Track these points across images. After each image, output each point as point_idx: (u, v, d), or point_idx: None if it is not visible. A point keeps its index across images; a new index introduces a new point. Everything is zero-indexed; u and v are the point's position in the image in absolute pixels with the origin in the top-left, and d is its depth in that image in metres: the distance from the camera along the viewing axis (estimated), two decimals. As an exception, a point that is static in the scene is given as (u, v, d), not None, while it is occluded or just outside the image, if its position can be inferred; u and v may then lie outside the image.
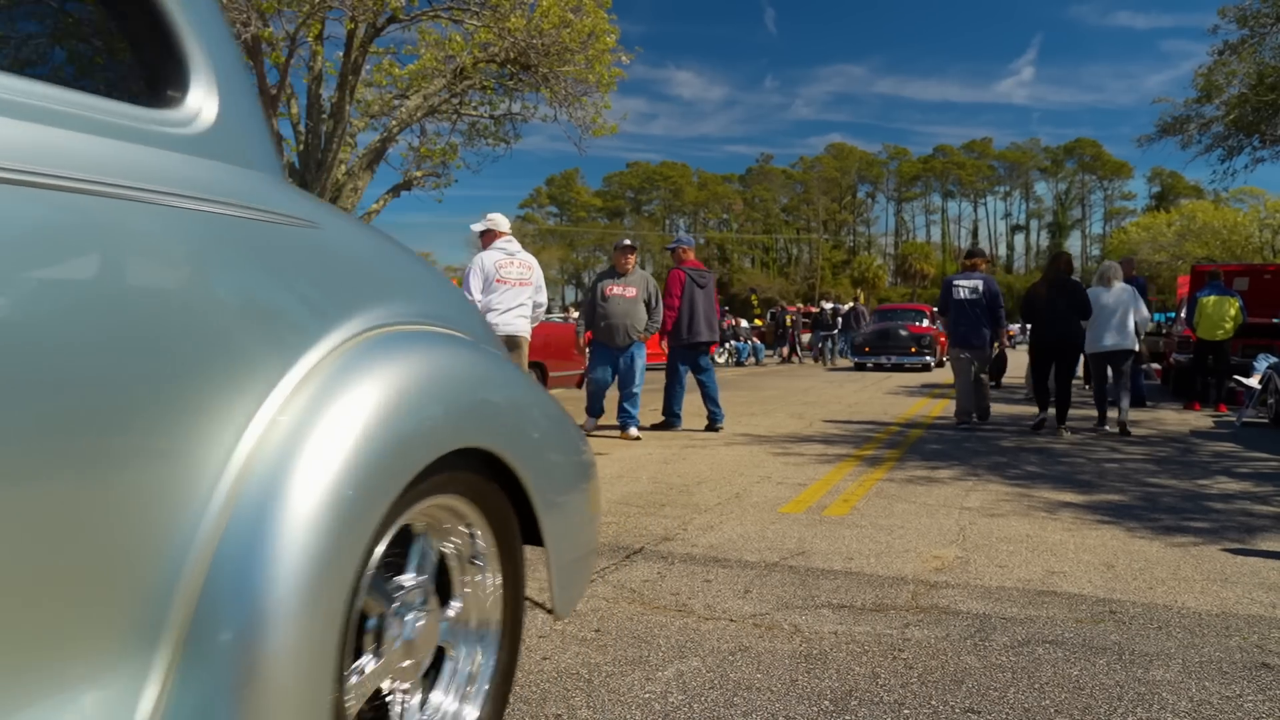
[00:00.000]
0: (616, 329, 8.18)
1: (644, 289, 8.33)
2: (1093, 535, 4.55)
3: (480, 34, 12.05)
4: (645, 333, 8.31)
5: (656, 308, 8.38)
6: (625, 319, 8.18)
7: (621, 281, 8.30)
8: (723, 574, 3.76)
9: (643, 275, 8.37)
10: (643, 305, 8.31)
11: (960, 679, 2.66)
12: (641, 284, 8.33)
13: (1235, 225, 47.81)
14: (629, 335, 8.20)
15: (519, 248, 7.26)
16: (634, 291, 8.25)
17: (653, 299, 8.36)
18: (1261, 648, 2.95)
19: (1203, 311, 11.45)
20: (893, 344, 21.47)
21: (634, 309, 8.22)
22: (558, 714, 2.39)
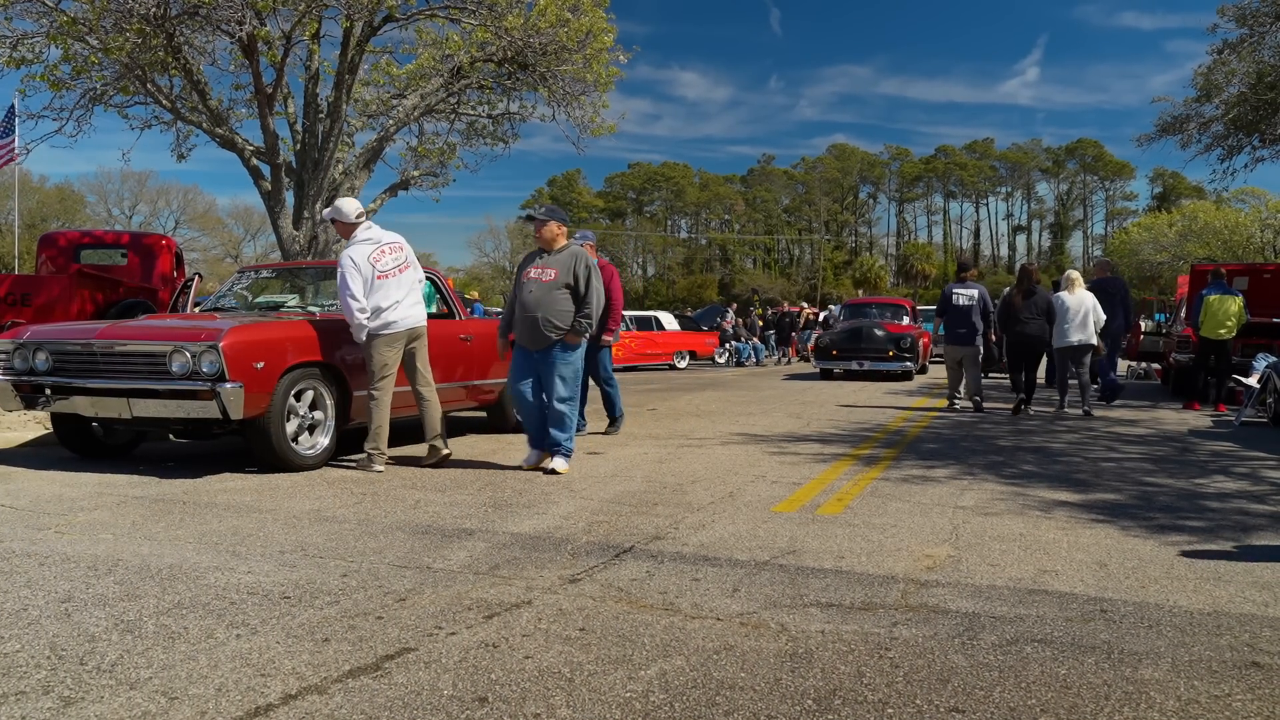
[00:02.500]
0: (527, 324, 6.25)
1: (567, 271, 6.25)
2: (1087, 534, 4.52)
3: (478, 33, 12.02)
4: (574, 330, 6.24)
5: (588, 295, 6.25)
6: (538, 310, 6.19)
7: (542, 261, 6.37)
8: (712, 573, 3.73)
9: (572, 253, 6.34)
10: (566, 292, 6.23)
11: (946, 678, 2.63)
12: (566, 264, 6.27)
13: (1236, 225, 47.71)
14: (545, 332, 6.19)
15: (381, 231, 6.47)
16: (553, 273, 6.24)
17: (581, 284, 6.25)
18: (1253, 646, 2.92)
19: (1208, 310, 11.41)
20: (866, 346, 17.03)
21: (550, 296, 6.20)
22: (537, 713, 2.37)
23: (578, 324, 6.24)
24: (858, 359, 17.15)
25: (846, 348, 17.34)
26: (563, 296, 6.21)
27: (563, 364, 6.25)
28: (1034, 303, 10.48)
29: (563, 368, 6.25)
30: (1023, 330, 10.48)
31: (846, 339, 17.48)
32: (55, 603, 3.22)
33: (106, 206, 65.23)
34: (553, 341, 6.21)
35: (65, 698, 2.41)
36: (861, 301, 22.58)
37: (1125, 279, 15.59)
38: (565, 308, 6.21)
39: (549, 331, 6.19)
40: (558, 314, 6.19)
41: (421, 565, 3.79)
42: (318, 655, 2.74)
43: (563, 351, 6.26)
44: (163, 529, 4.41)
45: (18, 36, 10.77)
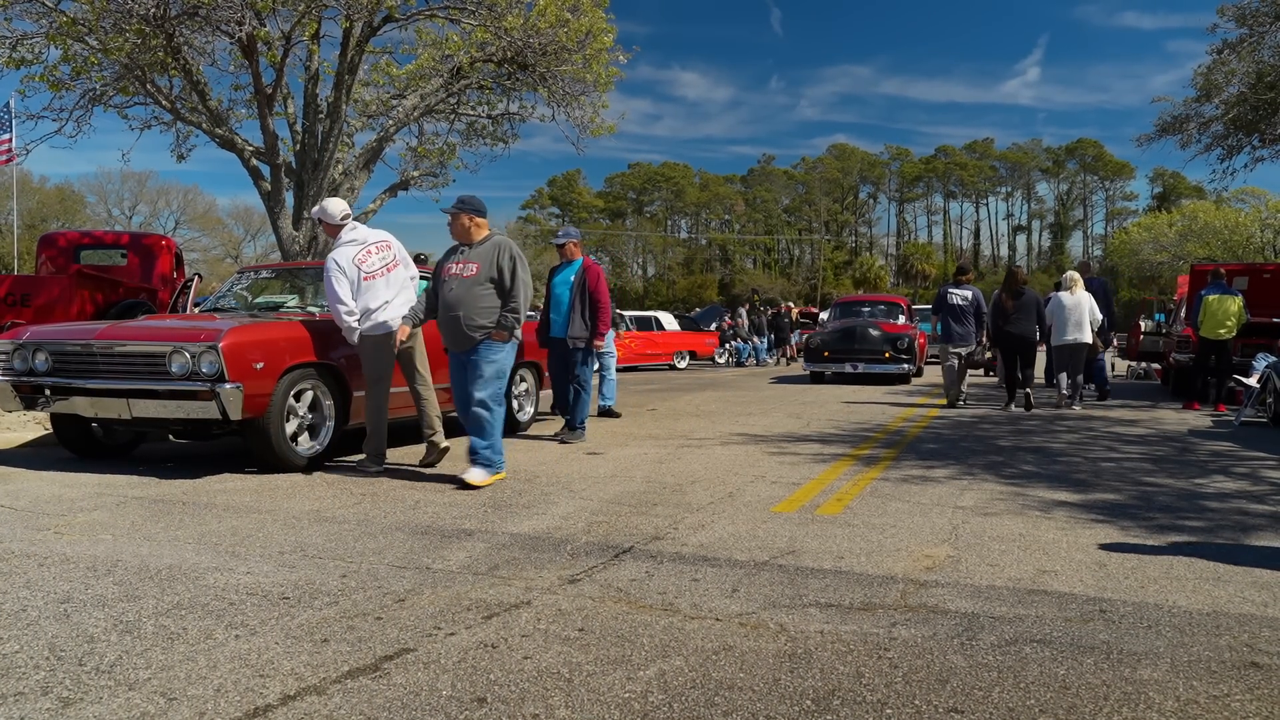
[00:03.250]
0: (449, 324, 5.84)
1: (490, 264, 5.80)
2: (1086, 534, 4.52)
3: (477, 33, 12.02)
4: (500, 327, 5.76)
5: (514, 289, 5.79)
6: (459, 308, 5.75)
7: (463, 256, 5.92)
8: (711, 573, 3.73)
9: (494, 244, 5.87)
10: (490, 287, 5.79)
11: (945, 678, 2.63)
12: (488, 257, 5.82)
13: (1237, 225, 47.73)
14: (469, 332, 5.74)
15: (367, 231, 6.40)
16: (475, 268, 5.81)
17: (506, 276, 5.79)
18: (1252, 646, 2.92)
19: (1207, 310, 11.46)
20: (860, 347, 15.89)
21: (472, 293, 5.76)
22: (535, 714, 2.37)
23: (504, 320, 5.78)
24: (851, 361, 15.90)
25: (839, 349, 16.08)
26: (486, 293, 5.78)
27: (485, 362, 5.78)
28: (1023, 303, 11.15)
29: (485, 366, 5.77)
30: (1012, 330, 11.17)
31: (839, 340, 16.16)
32: (54, 603, 3.22)
33: (106, 207, 65.26)
34: (477, 341, 5.78)
35: (64, 698, 2.41)
36: (854, 299, 20.66)
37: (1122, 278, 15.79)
38: (489, 304, 5.78)
39: (472, 331, 5.76)
40: (481, 311, 5.76)
41: (420, 566, 3.79)
42: (317, 656, 2.74)
43: (487, 350, 5.80)
44: (162, 529, 4.41)
45: (17, 37, 10.77)
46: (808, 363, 16.69)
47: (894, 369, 15.88)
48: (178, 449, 7.35)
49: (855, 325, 16.29)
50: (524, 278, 5.88)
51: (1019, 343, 11.14)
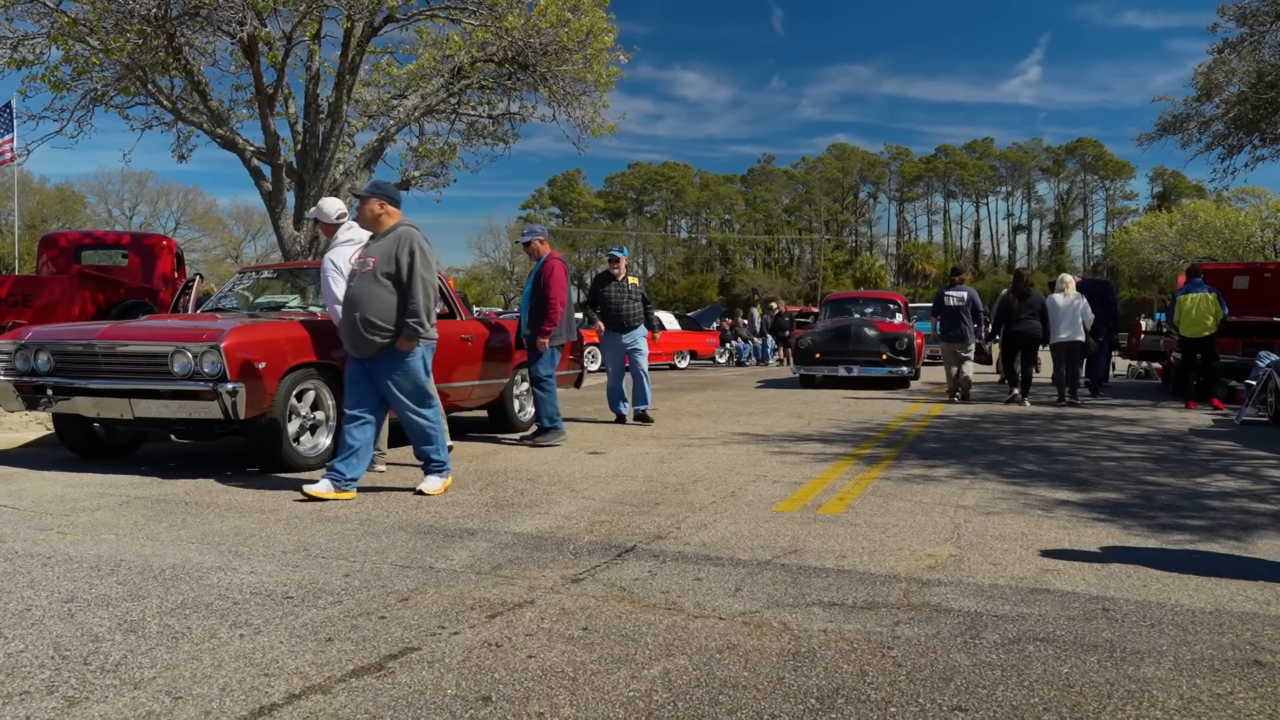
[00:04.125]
0: (347, 325, 5.33)
1: (388, 258, 5.25)
2: (1088, 533, 4.52)
3: (478, 33, 12.02)
4: (404, 338, 5.21)
5: (412, 287, 5.19)
6: (356, 308, 5.25)
7: (365, 248, 5.48)
8: (714, 572, 3.73)
9: (396, 236, 5.31)
10: (389, 285, 5.23)
11: (949, 677, 2.63)
12: (387, 250, 5.27)
13: (1237, 224, 47.70)
14: (367, 335, 5.21)
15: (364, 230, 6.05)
16: (373, 262, 5.27)
17: (404, 272, 5.21)
18: (1255, 645, 2.92)
19: (1181, 309, 11.72)
20: (855, 348, 14.64)
21: (370, 290, 5.22)
22: (540, 712, 2.37)
23: (405, 328, 5.17)
24: (845, 363, 14.64)
25: (831, 350, 14.76)
26: (384, 291, 5.20)
27: (399, 375, 5.26)
28: (1029, 303, 11.76)
29: (400, 379, 5.26)
30: (1019, 329, 11.77)
31: (831, 340, 14.83)
32: (59, 603, 3.23)
33: (107, 207, 65.28)
34: (380, 347, 5.21)
35: (69, 697, 2.42)
36: (846, 296, 19.09)
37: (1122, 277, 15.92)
38: (387, 303, 5.20)
39: (370, 333, 5.17)
40: (379, 312, 5.18)
41: (424, 565, 3.80)
42: (321, 655, 2.74)
43: (395, 361, 5.25)
44: (165, 529, 4.42)
45: (19, 37, 10.79)
46: (797, 365, 15.20)
47: (892, 372, 14.65)
48: (180, 449, 7.36)
49: (849, 325, 15.00)
50: (424, 275, 5.23)
51: (1024, 340, 11.82)
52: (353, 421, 5.32)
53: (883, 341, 14.69)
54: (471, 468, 6.46)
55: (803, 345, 15.24)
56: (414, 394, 5.37)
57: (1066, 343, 11.72)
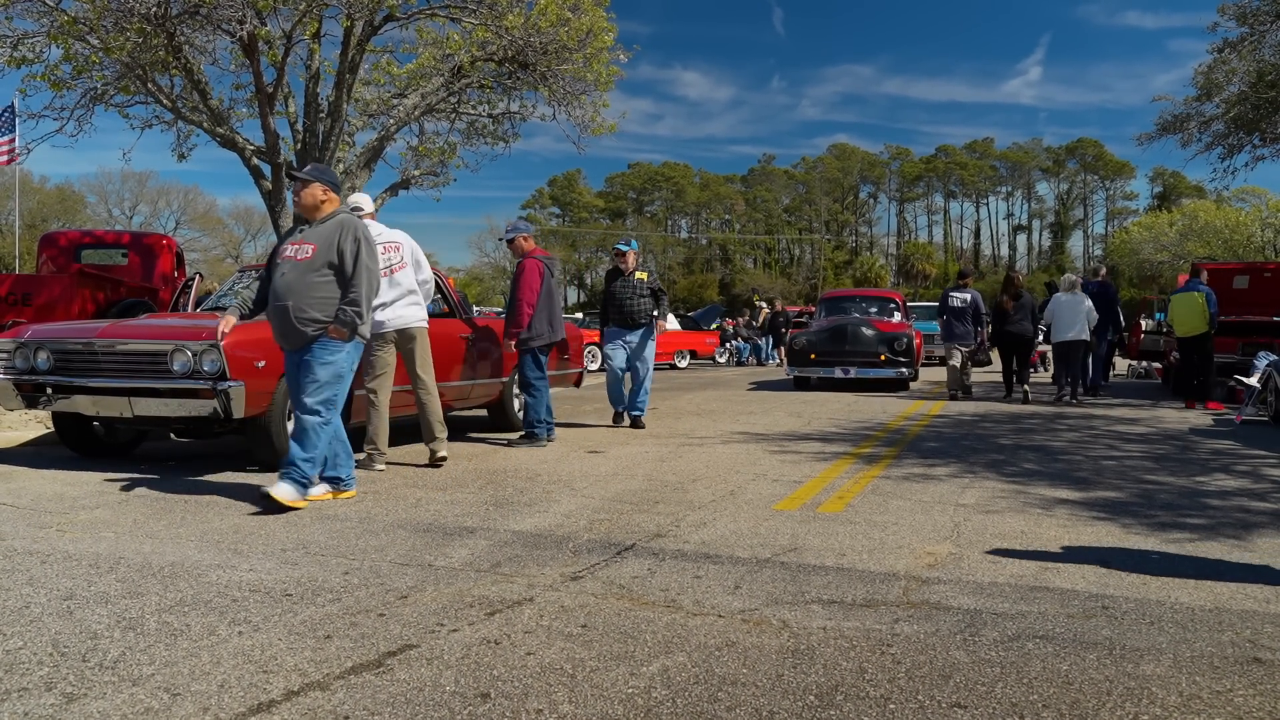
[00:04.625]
0: (278, 315, 4.99)
1: (329, 246, 4.94)
2: (1088, 531, 4.52)
3: (478, 32, 12.02)
4: (338, 322, 4.90)
5: (355, 277, 4.92)
6: (289, 297, 4.90)
7: (301, 236, 5.09)
8: (713, 570, 3.73)
9: (338, 223, 5.00)
10: (328, 274, 4.94)
11: (948, 674, 2.63)
12: (328, 238, 4.96)
13: (1237, 224, 47.70)
14: (299, 326, 4.90)
15: (384, 229, 6.42)
16: (311, 250, 4.95)
17: (348, 262, 4.93)
18: (1254, 642, 2.92)
19: (1173, 310, 11.86)
20: (852, 349, 13.97)
21: (305, 280, 4.91)
22: (539, 709, 2.37)
23: (341, 314, 4.91)
24: (841, 365, 13.94)
25: (827, 351, 14.05)
26: (323, 281, 4.94)
27: (319, 363, 4.94)
28: (1021, 305, 12.28)
29: (318, 368, 4.94)
30: (1012, 329, 12.31)
31: (827, 340, 14.13)
32: (57, 600, 3.22)
33: (107, 207, 65.29)
34: (311, 338, 4.94)
35: (68, 694, 2.42)
36: (842, 294, 18.33)
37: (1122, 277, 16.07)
38: (325, 294, 4.93)
39: (304, 325, 4.91)
40: (315, 302, 4.91)
41: (423, 563, 3.80)
42: (320, 652, 2.74)
43: (321, 349, 4.95)
44: (164, 527, 4.41)
45: (18, 36, 10.78)
46: (791, 367, 14.50)
47: (890, 373, 13.94)
48: (179, 447, 7.35)
49: (846, 324, 14.28)
50: (369, 265, 5.00)
51: (1017, 340, 12.37)
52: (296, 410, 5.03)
53: (881, 341, 13.97)
54: (471, 466, 6.46)
55: (797, 346, 14.46)
56: (323, 388, 4.93)
57: (1070, 341, 11.88)
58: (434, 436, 6.43)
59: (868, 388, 14.04)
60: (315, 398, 4.93)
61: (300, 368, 5.00)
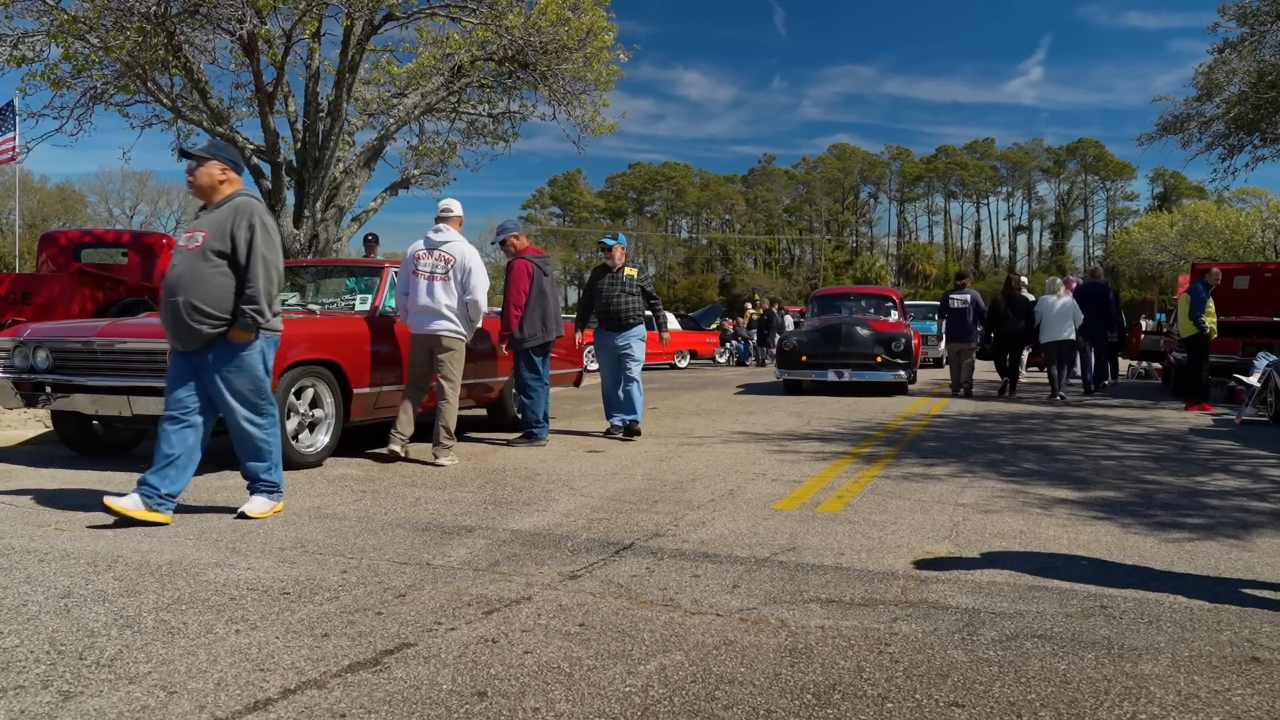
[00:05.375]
0: (169, 311, 4.45)
1: (221, 233, 4.42)
2: (1087, 531, 4.52)
3: (478, 32, 12.01)
4: (240, 327, 4.41)
5: (250, 269, 4.40)
6: (178, 291, 4.38)
7: (195, 222, 4.62)
8: (712, 569, 3.73)
9: (233, 207, 4.48)
10: (221, 264, 4.42)
11: (946, 673, 2.63)
12: (221, 224, 4.44)
13: (1238, 225, 47.68)
14: (192, 324, 4.36)
15: (450, 237, 6.62)
16: (202, 237, 4.42)
17: (241, 250, 4.41)
18: (1252, 641, 2.92)
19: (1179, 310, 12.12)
20: (846, 350, 13.02)
21: (197, 270, 4.39)
22: (536, 707, 2.36)
23: (241, 316, 4.37)
24: (835, 367, 13.00)
25: (820, 353, 13.12)
26: (216, 272, 4.38)
27: (232, 371, 4.43)
28: (1017, 306, 12.96)
29: (232, 377, 4.44)
30: (1008, 329, 13.00)
31: (820, 341, 13.21)
32: (55, 598, 3.22)
33: (107, 206, 65.32)
34: (209, 338, 4.38)
35: (64, 692, 2.41)
36: (835, 292, 17.23)
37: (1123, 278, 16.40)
38: (219, 287, 4.38)
39: (197, 323, 4.34)
40: (208, 296, 4.34)
41: (421, 562, 3.79)
42: (317, 650, 2.74)
43: (228, 358, 4.43)
44: (162, 526, 4.41)
45: (18, 35, 10.77)
46: (781, 369, 13.57)
47: (887, 376, 13.07)
48: (178, 446, 7.34)
49: (840, 324, 13.32)
50: (266, 254, 4.43)
51: (1012, 339, 13.12)
52: (172, 426, 4.50)
53: (877, 342, 13.05)
54: (470, 465, 6.45)
55: (787, 347, 13.54)
56: (248, 396, 4.52)
57: (1058, 341, 12.57)
58: (438, 442, 6.48)
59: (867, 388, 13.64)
60: (246, 407, 4.53)
61: (204, 376, 4.45)
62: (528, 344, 7.38)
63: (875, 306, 15.09)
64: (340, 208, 12.59)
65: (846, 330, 13.14)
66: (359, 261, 9.15)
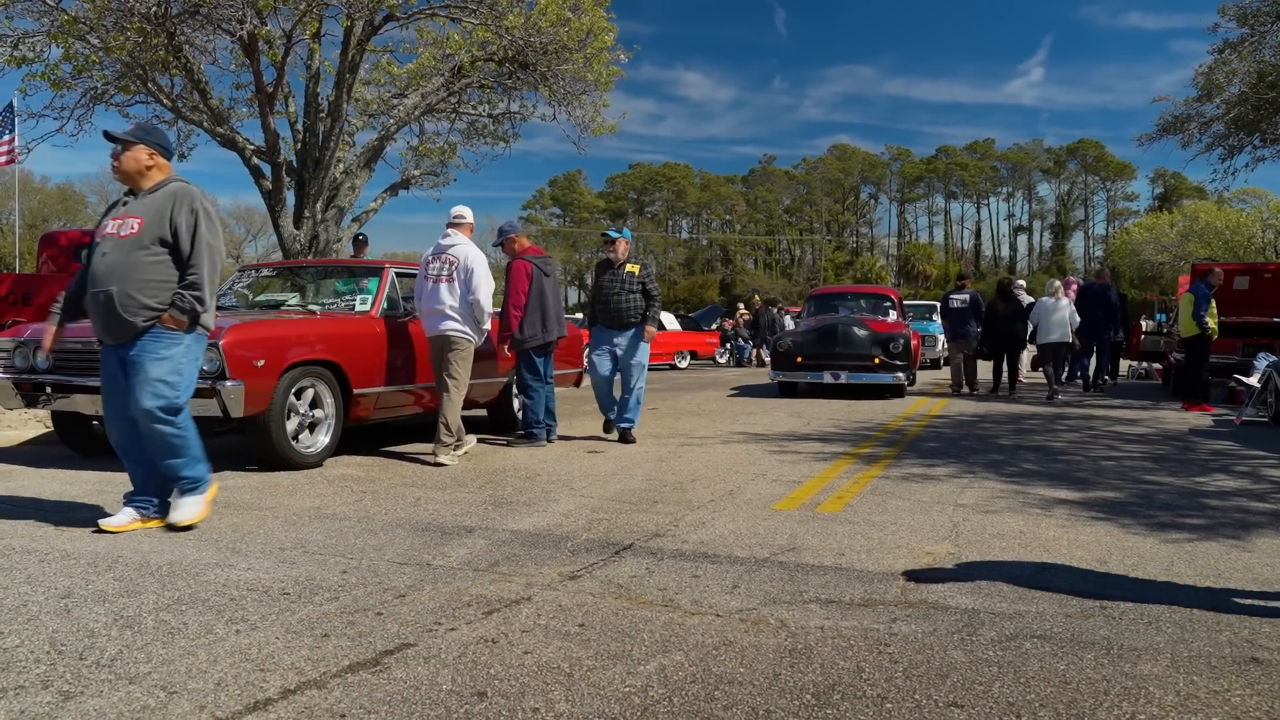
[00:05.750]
0: (98, 304, 4.22)
1: (160, 219, 4.16)
2: (1086, 531, 4.52)
3: (478, 32, 12.01)
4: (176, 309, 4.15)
5: (194, 255, 4.17)
6: (111, 281, 4.14)
7: (125, 209, 4.30)
8: (712, 569, 3.73)
9: (170, 193, 4.23)
10: (161, 252, 4.17)
11: (945, 673, 2.63)
12: (158, 210, 4.18)
13: (1238, 225, 47.64)
14: (126, 315, 4.14)
15: (457, 240, 6.81)
16: (136, 224, 4.17)
17: (184, 238, 4.16)
18: (1252, 642, 2.92)
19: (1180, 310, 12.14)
20: (843, 351, 12.54)
21: (132, 260, 4.14)
22: (535, 708, 2.37)
23: (178, 300, 4.13)
24: (831, 369, 12.53)
25: (816, 354, 12.62)
26: (152, 261, 4.14)
27: (153, 358, 4.13)
28: (1012, 309, 13.34)
29: (152, 364, 4.13)
30: (1003, 331, 13.34)
31: (816, 342, 12.71)
32: (55, 598, 3.22)
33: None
34: (140, 329, 4.14)
35: (64, 692, 2.41)
36: (832, 291, 16.71)
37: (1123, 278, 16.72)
38: (157, 277, 4.14)
39: (132, 315, 4.12)
40: (144, 286, 4.11)
41: (421, 562, 3.80)
42: (317, 650, 2.74)
43: (154, 343, 4.15)
44: (162, 526, 4.41)
45: (19, 35, 10.78)
46: (775, 370, 13.08)
47: (885, 379, 12.57)
48: (178, 447, 7.34)
49: (836, 324, 12.82)
50: (211, 241, 4.21)
51: (1008, 340, 13.44)
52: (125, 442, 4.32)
53: (875, 343, 12.53)
54: (470, 466, 6.45)
55: (782, 348, 13.01)
56: (162, 387, 4.15)
57: (1055, 343, 12.84)
58: (438, 440, 6.52)
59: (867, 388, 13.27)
60: (155, 401, 4.12)
61: (126, 367, 4.18)
62: (528, 344, 7.38)
63: (873, 305, 14.69)
64: (340, 208, 12.59)
65: (843, 331, 12.63)
66: (359, 262, 9.15)
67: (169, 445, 4.26)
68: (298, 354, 6.03)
